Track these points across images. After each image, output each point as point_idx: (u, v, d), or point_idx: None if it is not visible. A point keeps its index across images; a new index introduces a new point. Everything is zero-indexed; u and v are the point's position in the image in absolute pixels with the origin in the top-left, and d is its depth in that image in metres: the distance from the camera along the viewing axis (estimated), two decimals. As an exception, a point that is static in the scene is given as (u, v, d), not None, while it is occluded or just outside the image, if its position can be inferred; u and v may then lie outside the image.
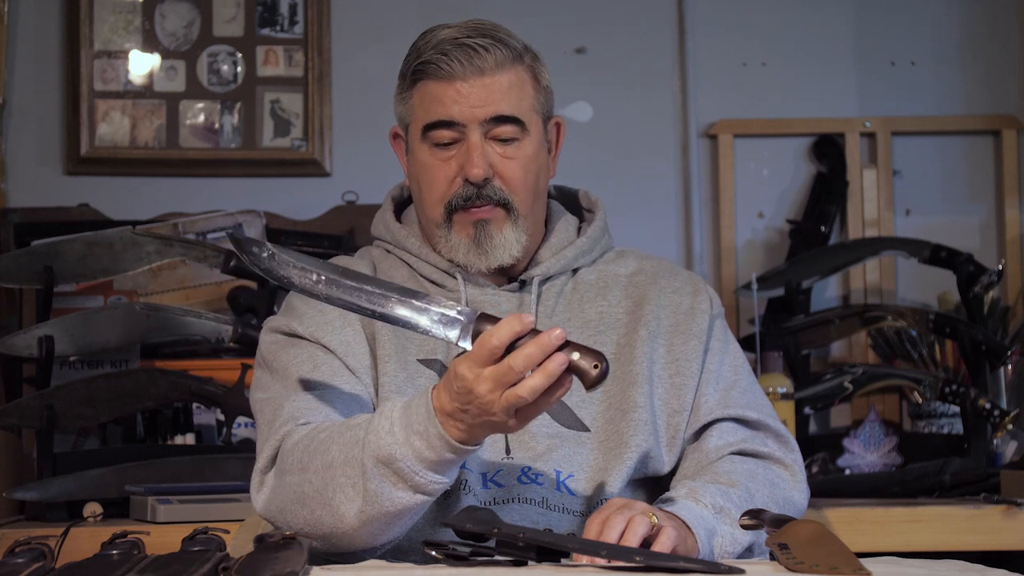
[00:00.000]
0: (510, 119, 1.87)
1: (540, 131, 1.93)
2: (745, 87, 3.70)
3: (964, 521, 2.66)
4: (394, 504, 1.67)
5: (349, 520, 1.69)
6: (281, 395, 1.85)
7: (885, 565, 1.54)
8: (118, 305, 3.04)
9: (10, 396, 2.98)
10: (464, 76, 1.85)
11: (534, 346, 1.57)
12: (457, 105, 1.86)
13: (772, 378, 2.96)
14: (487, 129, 1.87)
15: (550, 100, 1.95)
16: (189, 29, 3.60)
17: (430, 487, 1.67)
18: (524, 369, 1.57)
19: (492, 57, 1.86)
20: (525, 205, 1.90)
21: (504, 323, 1.59)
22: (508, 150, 1.88)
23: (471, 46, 1.85)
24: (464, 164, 1.87)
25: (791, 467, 1.94)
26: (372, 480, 1.66)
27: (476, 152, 1.86)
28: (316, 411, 1.81)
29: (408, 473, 1.65)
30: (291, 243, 3.27)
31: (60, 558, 2.35)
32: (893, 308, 3.27)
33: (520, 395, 1.58)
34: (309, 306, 1.93)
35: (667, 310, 1.97)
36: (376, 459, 1.66)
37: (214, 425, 3.04)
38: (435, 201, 1.90)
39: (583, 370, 1.58)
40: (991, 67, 3.73)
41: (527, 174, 1.90)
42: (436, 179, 1.89)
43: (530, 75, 1.90)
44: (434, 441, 1.64)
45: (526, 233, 1.91)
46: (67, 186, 3.53)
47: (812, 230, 3.58)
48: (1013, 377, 3.19)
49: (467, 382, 1.59)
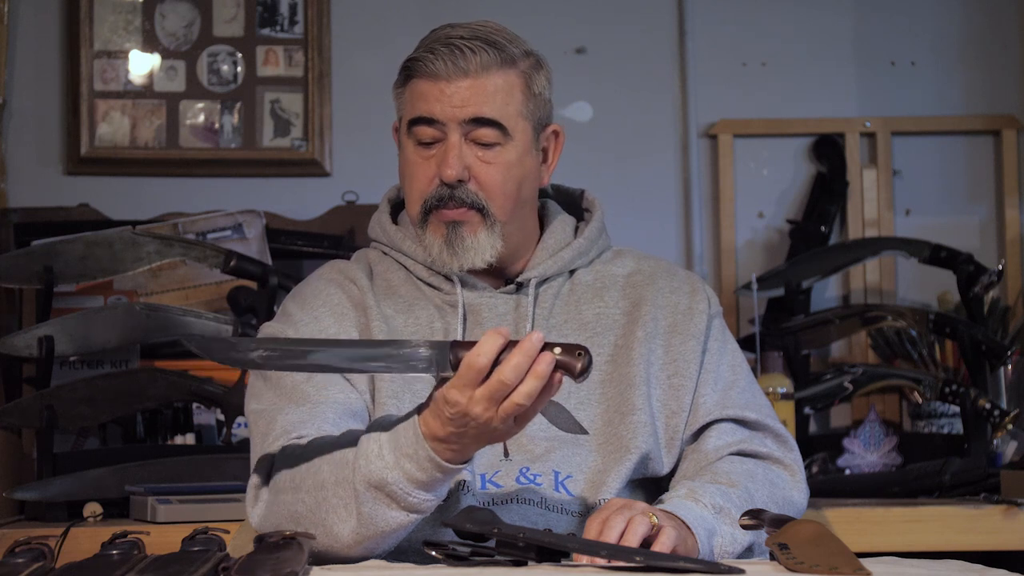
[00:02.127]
0: (490, 122, 1.86)
1: (528, 138, 1.91)
2: (745, 87, 3.70)
3: (964, 521, 2.66)
4: (388, 524, 1.68)
5: (344, 539, 1.70)
6: (275, 407, 1.85)
7: (885, 565, 1.54)
8: (118, 305, 3.04)
9: (10, 396, 2.98)
10: (448, 76, 1.85)
11: (519, 355, 1.57)
12: (439, 104, 1.86)
13: (772, 378, 2.96)
14: (467, 130, 1.86)
15: (543, 108, 1.93)
16: (189, 29, 3.60)
17: (423, 506, 1.68)
18: (516, 380, 1.57)
19: (478, 59, 1.85)
20: (503, 211, 1.89)
21: (486, 340, 1.58)
22: (488, 154, 1.88)
23: (459, 47, 1.85)
24: (440, 164, 1.87)
25: (790, 467, 1.94)
26: (365, 504, 1.67)
27: (452, 153, 1.86)
28: (309, 423, 1.80)
29: (401, 495, 1.66)
30: (291, 243, 3.28)
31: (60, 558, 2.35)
32: (893, 308, 3.27)
33: (518, 403, 1.58)
34: (304, 312, 1.93)
35: (665, 310, 1.96)
36: (367, 483, 1.66)
37: (214, 425, 3.04)
38: (414, 199, 1.90)
39: (569, 364, 1.59)
40: (991, 67, 3.72)
41: (506, 180, 1.88)
42: (416, 177, 1.90)
43: (522, 81, 1.89)
44: (424, 463, 1.64)
45: (503, 239, 1.90)
46: (67, 186, 3.53)
47: (812, 230, 3.58)
48: (1013, 377, 3.19)
49: (461, 407, 1.59)
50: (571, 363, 1.59)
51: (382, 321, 1.90)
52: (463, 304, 1.92)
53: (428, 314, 1.93)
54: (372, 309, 1.91)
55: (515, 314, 1.92)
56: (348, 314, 1.92)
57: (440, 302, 1.94)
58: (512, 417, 1.60)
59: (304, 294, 1.97)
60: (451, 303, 1.93)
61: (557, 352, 1.59)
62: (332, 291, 1.95)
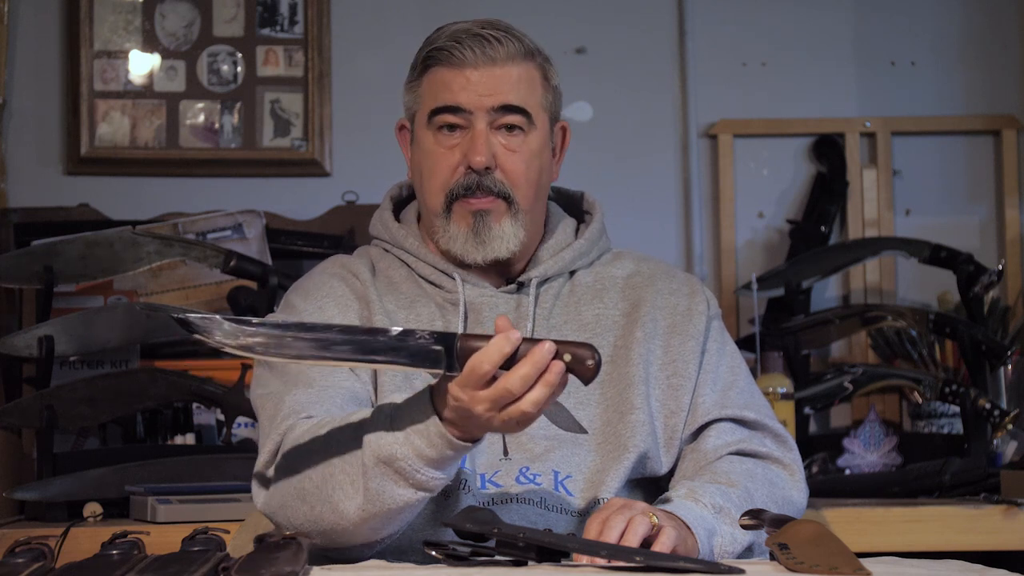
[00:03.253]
0: (517, 109, 1.88)
1: (546, 129, 1.93)
2: (745, 87, 3.70)
3: (964, 521, 2.66)
4: (395, 501, 1.67)
5: (350, 516, 1.69)
6: (281, 390, 1.84)
7: (885, 565, 1.54)
8: (118, 305, 3.04)
9: (10, 396, 2.98)
10: (475, 64, 1.87)
11: (529, 366, 1.56)
12: (465, 92, 1.87)
13: (772, 378, 2.96)
14: (493, 119, 1.88)
15: (558, 101, 1.96)
16: (189, 29, 3.60)
17: (431, 483, 1.66)
18: (522, 391, 1.57)
19: (504, 49, 1.87)
20: (526, 200, 1.90)
21: (492, 345, 1.56)
22: (513, 142, 1.89)
23: (485, 36, 1.87)
24: (468, 151, 1.87)
25: (790, 467, 1.94)
26: (373, 479, 1.66)
27: (480, 139, 1.87)
28: (317, 405, 1.80)
29: (409, 471, 1.65)
30: (291, 243, 3.28)
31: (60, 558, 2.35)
32: (893, 308, 3.27)
33: (524, 411, 1.58)
34: (308, 303, 1.93)
35: (664, 311, 1.97)
36: (376, 458, 1.65)
37: (214, 425, 3.04)
38: (436, 189, 1.90)
39: (579, 369, 1.58)
40: (991, 67, 3.73)
41: (529, 168, 1.90)
42: (439, 166, 1.90)
43: (540, 73, 1.92)
44: (434, 439, 1.63)
45: (524, 229, 1.91)
46: (67, 186, 3.53)
47: (812, 230, 3.58)
48: (1013, 377, 3.19)
49: (463, 403, 1.59)
50: (581, 368, 1.58)
51: (384, 315, 1.90)
52: (464, 302, 1.92)
53: (429, 311, 1.93)
54: (375, 303, 1.91)
55: (516, 313, 1.93)
56: (352, 305, 1.92)
57: (441, 300, 1.94)
58: (514, 421, 1.60)
59: (307, 287, 1.97)
60: (452, 301, 1.93)
61: (567, 359, 1.58)
62: (335, 283, 1.95)
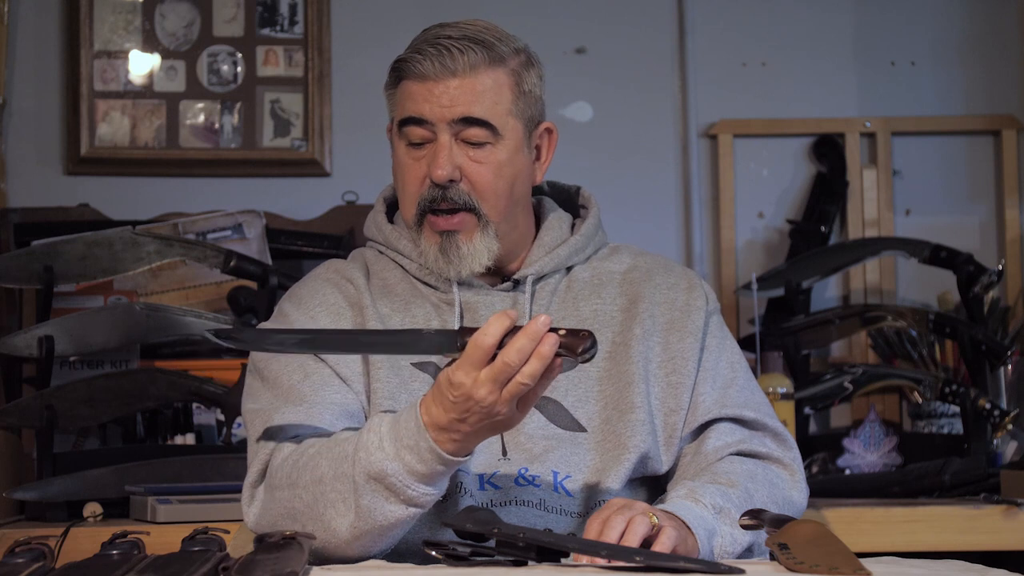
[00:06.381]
0: (480, 122, 1.86)
1: (519, 137, 1.91)
2: (745, 87, 3.70)
3: (964, 521, 2.66)
4: (387, 518, 1.68)
5: (341, 534, 1.70)
6: (271, 407, 1.85)
7: (885, 565, 1.54)
8: (118, 305, 3.04)
9: (10, 396, 2.98)
10: (436, 76, 1.85)
11: (524, 337, 1.59)
12: (428, 104, 1.86)
13: (772, 378, 2.96)
14: (457, 130, 1.86)
15: (535, 106, 1.92)
16: (189, 29, 3.60)
17: (422, 499, 1.68)
18: (520, 363, 1.59)
19: (465, 59, 1.85)
20: (495, 211, 1.89)
21: (493, 321, 1.61)
22: (478, 154, 1.87)
23: (447, 47, 1.85)
24: (430, 164, 1.87)
25: (790, 467, 1.94)
26: (364, 496, 1.67)
27: (442, 153, 1.86)
28: (305, 424, 1.81)
29: (400, 487, 1.66)
30: (291, 243, 3.28)
31: (60, 558, 2.35)
32: (893, 308, 3.27)
33: (522, 382, 1.60)
34: (301, 313, 1.93)
35: (662, 307, 1.96)
36: (367, 475, 1.66)
37: (214, 425, 3.04)
38: (409, 202, 1.91)
39: (573, 346, 1.60)
40: (991, 67, 3.72)
41: (497, 180, 1.88)
42: (408, 178, 1.90)
43: (511, 79, 1.89)
44: (425, 455, 1.64)
45: (498, 240, 1.90)
46: (67, 186, 3.53)
47: (812, 230, 3.58)
48: (1013, 377, 3.19)
49: (465, 388, 1.60)
50: (575, 345, 1.60)
51: (378, 321, 1.90)
52: (460, 302, 1.92)
53: (425, 312, 1.93)
54: (368, 308, 1.91)
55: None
56: (344, 313, 1.92)
57: (437, 300, 1.94)
58: (516, 400, 1.61)
59: (300, 294, 1.97)
60: (448, 301, 1.93)
61: (562, 334, 1.60)
62: (328, 291, 1.95)
